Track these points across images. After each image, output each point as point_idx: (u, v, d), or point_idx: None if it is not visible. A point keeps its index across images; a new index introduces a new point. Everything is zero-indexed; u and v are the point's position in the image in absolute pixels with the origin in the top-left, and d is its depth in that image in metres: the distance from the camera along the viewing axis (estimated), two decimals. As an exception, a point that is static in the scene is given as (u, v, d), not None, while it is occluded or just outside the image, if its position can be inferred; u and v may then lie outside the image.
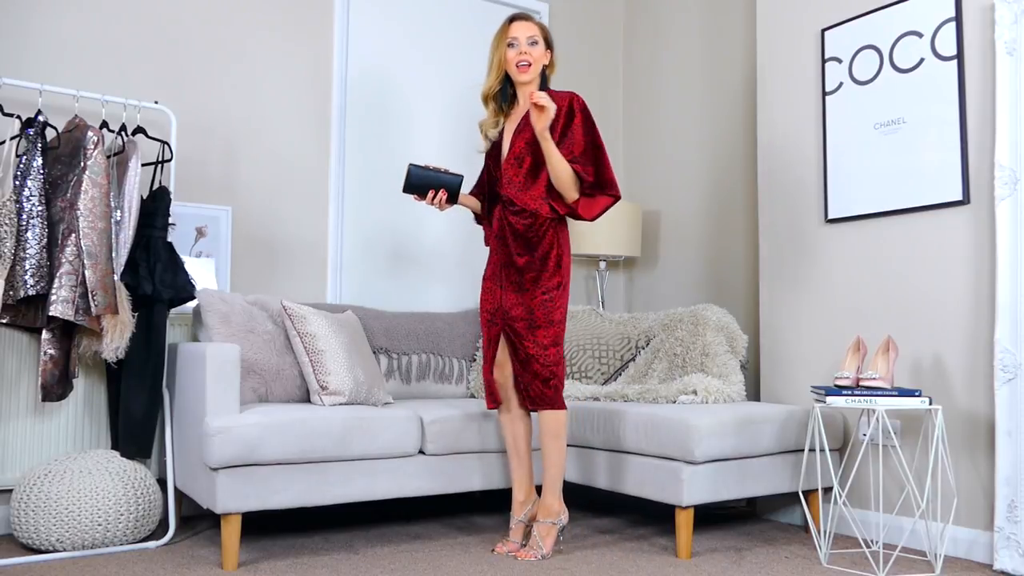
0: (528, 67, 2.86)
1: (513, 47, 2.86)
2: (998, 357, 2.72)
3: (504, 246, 2.90)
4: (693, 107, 4.31)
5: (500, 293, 2.90)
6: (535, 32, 2.88)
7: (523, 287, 2.84)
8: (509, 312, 2.86)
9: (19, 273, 2.80)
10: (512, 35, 2.86)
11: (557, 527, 2.85)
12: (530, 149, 2.86)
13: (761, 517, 3.52)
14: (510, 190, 2.88)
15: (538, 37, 2.88)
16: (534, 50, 2.86)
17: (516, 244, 2.86)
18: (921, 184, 3.06)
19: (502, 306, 2.89)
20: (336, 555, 2.84)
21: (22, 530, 2.79)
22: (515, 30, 2.87)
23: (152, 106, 3.25)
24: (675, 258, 4.34)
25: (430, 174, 2.86)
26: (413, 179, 2.86)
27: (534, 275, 2.83)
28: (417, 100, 4.13)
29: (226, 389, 2.76)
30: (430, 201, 2.87)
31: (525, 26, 2.88)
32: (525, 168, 2.87)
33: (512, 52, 2.86)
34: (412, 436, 2.97)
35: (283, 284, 3.73)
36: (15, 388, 3.05)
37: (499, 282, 2.91)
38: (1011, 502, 2.67)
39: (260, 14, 3.75)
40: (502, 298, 2.89)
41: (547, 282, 2.84)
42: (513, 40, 2.86)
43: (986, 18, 2.90)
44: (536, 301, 2.82)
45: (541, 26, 2.92)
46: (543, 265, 2.84)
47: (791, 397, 3.43)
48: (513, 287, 2.86)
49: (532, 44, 2.86)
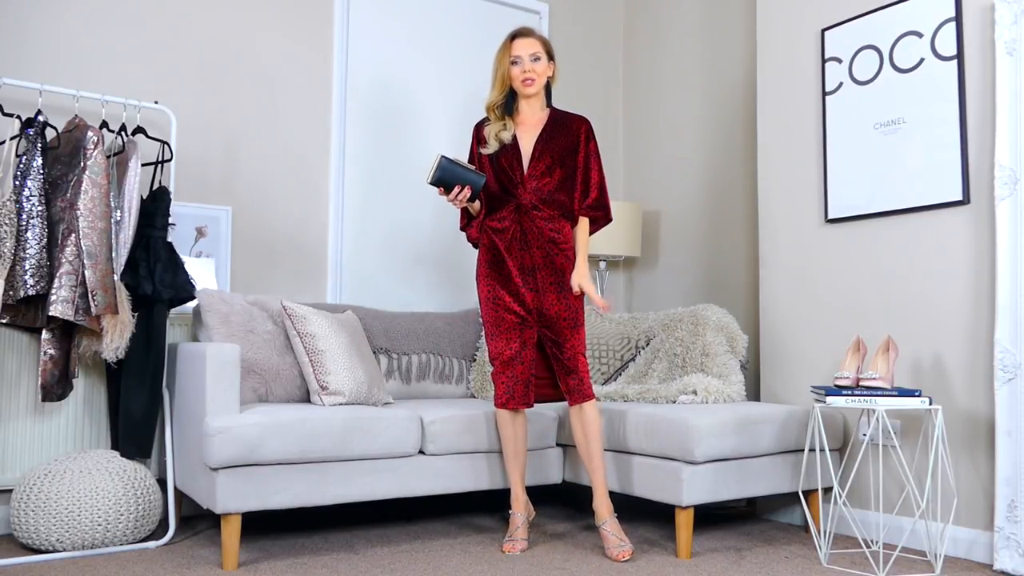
0: (533, 83, 2.97)
1: (517, 64, 2.96)
2: (998, 357, 2.72)
3: (525, 248, 2.96)
4: (693, 107, 4.31)
5: (532, 296, 2.93)
6: (537, 48, 2.97)
7: (562, 286, 2.94)
8: (548, 312, 2.92)
9: (19, 273, 2.80)
10: (515, 53, 2.96)
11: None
12: (560, 162, 2.99)
13: (761, 517, 3.52)
14: (535, 197, 2.96)
15: (540, 53, 2.97)
16: (537, 66, 2.96)
17: (551, 247, 2.95)
18: (921, 184, 3.06)
19: (538, 308, 2.93)
20: (336, 555, 2.84)
21: (22, 530, 2.79)
22: (518, 48, 2.96)
23: (152, 106, 3.25)
24: (675, 258, 4.34)
25: (458, 170, 2.85)
26: (444, 172, 2.83)
27: (565, 275, 2.95)
28: (418, 100, 4.13)
29: (226, 389, 2.76)
30: (453, 197, 2.88)
31: (528, 43, 2.96)
32: (556, 179, 2.98)
33: (516, 70, 2.96)
34: (412, 436, 2.97)
35: (283, 284, 3.73)
36: (15, 388, 3.05)
37: (530, 285, 2.94)
38: (1011, 502, 2.67)
39: (261, 14, 3.75)
40: (534, 300, 2.93)
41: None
42: (516, 58, 2.96)
43: (986, 18, 2.90)
44: (571, 300, 2.94)
45: (543, 40, 3.01)
46: (569, 264, 2.97)
47: (791, 397, 3.43)
48: (554, 288, 2.93)
49: (535, 60, 2.96)
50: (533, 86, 2.96)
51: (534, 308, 2.93)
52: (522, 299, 2.93)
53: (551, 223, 2.96)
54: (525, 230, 2.95)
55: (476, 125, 3.10)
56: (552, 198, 2.97)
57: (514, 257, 2.95)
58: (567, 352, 2.90)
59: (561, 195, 2.99)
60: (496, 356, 2.95)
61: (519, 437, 3.00)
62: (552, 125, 3.02)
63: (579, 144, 3.02)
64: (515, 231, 2.96)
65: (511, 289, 2.95)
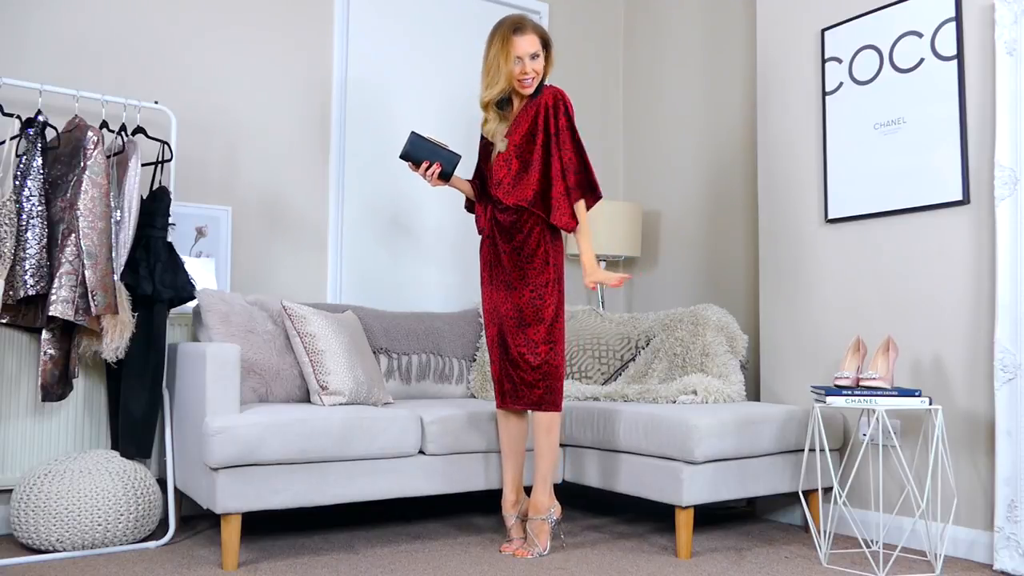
0: (532, 83, 2.92)
1: (518, 64, 2.89)
2: (998, 357, 2.72)
3: (493, 245, 2.94)
4: (693, 107, 4.31)
5: (494, 293, 2.94)
6: (537, 46, 2.90)
7: (511, 285, 2.88)
8: (498, 310, 2.91)
9: (19, 273, 2.80)
10: (516, 53, 2.87)
11: (548, 523, 2.88)
12: (518, 151, 2.90)
13: (761, 517, 3.52)
14: (498, 190, 2.92)
15: (539, 50, 2.90)
16: (536, 64, 2.91)
17: (503, 242, 2.90)
18: (921, 184, 3.06)
19: (495, 305, 2.93)
20: (336, 555, 2.84)
21: (22, 530, 2.79)
22: (519, 47, 2.87)
23: (152, 106, 3.25)
24: (675, 258, 4.34)
25: (428, 145, 2.89)
26: (412, 147, 2.88)
27: (520, 273, 2.86)
28: (417, 99, 4.13)
29: (226, 389, 2.76)
30: (423, 172, 2.90)
31: (528, 40, 2.88)
32: (514, 170, 2.90)
33: (517, 69, 2.89)
34: (412, 436, 2.97)
35: (283, 284, 3.73)
36: (15, 388, 3.05)
37: (492, 282, 2.95)
38: (1011, 502, 2.67)
39: (260, 14, 3.75)
40: (495, 297, 2.93)
41: (535, 279, 2.86)
42: (518, 59, 2.88)
43: (986, 18, 2.90)
44: (524, 299, 2.85)
45: (541, 35, 2.93)
46: (530, 262, 2.86)
47: (791, 397, 3.43)
48: (503, 285, 2.90)
49: (534, 58, 2.90)
50: (532, 87, 2.92)
51: (493, 307, 2.94)
52: (488, 296, 2.96)
53: (507, 215, 2.89)
54: (492, 227, 2.95)
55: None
56: (512, 191, 2.89)
57: (485, 255, 2.99)
58: (512, 351, 2.86)
59: (519, 189, 2.88)
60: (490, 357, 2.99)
61: (513, 437, 2.98)
62: (521, 114, 2.93)
63: (536, 129, 2.88)
64: (487, 228, 2.98)
65: (483, 288, 3.00)
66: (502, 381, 2.93)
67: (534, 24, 2.93)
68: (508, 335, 2.87)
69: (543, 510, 2.87)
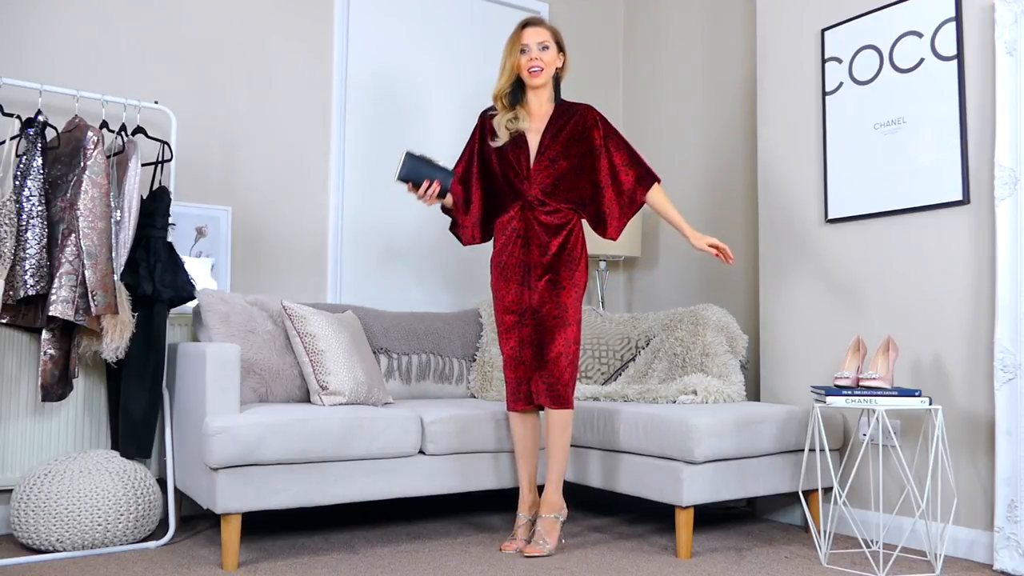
0: (540, 72, 2.93)
1: (525, 53, 2.92)
2: (998, 357, 2.72)
3: (526, 245, 2.93)
4: (693, 107, 4.31)
5: (529, 293, 2.92)
6: (546, 37, 2.94)
7: (559, 284, 2.89)
8: (540, 310, 2.89)
9: (19, 273, 2.80)
10: (524, 41, 2.92)
11: (559, 522, 2.89)
12: (565, 153, 2.94)
13: (761, 517, 3.52)
14: (540, 191, 2.93)
15: (549, 42, 2.94)
16: (545, 55, 2.93)
17: (549, 242, 2.91)
18: (921, 184, 3.06)
19: (532, 306, 2.91)
20: (336, 555, 2.84)
21: (22, 530, 2.79)
22: (526, 36, 2.93)
23: (152, 106, 3.25)
24: (675, 258, 4.34)
25: (423, 167, 2.85)
26: (410, 169, 2.83)
27: (569, 272, 2.90)
28: (418, 100, 4.13)
29: (226, 389, 2.76)
30: (422, 194, 2.87)
31: (536, 32, 2.93)
32: (560, 171, 2.94)
33: (524, 58, 2.92)
34: (412, 436, 2.97)
35: (283, 284, 3.73)
36: (15, 388, 3.05)
37: (526, 283, 2.93)
38: (1011, 502, 2.67)
39: (261, 14, 3.75)
40: (530, 298, 2.91)
41: (579, 280, 2.93)
42: (525, 47, 2.92)
43: (986, 18, 2.90)
44: (571, 299, 2.89)
45: (552, 30, 2.98)
46: (576, 264, 2.92)
47: (791, 397, 3.43)
48: (548, 285, 2.89)
49: (543, 49, 2.93)
50: (540, 76, 2.93)
51: (528, 307, 2.92)
52: (519, 297, 2.93)
53: (555, 217, 2.92)
54: (528, 226, 2.93)
55: (482, 114, 3.09)
56: (557, 192, 2.94)
57: (516, 255, 2.94)
58: (551, 352, 2.86)
59: (567, 189, 2.95)
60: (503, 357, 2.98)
61: (528, 437, 2.99)
62: (558, 117, 2.99)
63: (589, 133, 2.98)
64: (520, 228, 2.94)
65: (512, 288, 2.94)
66: (527, 382, 2.92)
67: (548, 24, 3.00)
68: (547, 335, 2.87)
69: (556, 508, 2.89)
